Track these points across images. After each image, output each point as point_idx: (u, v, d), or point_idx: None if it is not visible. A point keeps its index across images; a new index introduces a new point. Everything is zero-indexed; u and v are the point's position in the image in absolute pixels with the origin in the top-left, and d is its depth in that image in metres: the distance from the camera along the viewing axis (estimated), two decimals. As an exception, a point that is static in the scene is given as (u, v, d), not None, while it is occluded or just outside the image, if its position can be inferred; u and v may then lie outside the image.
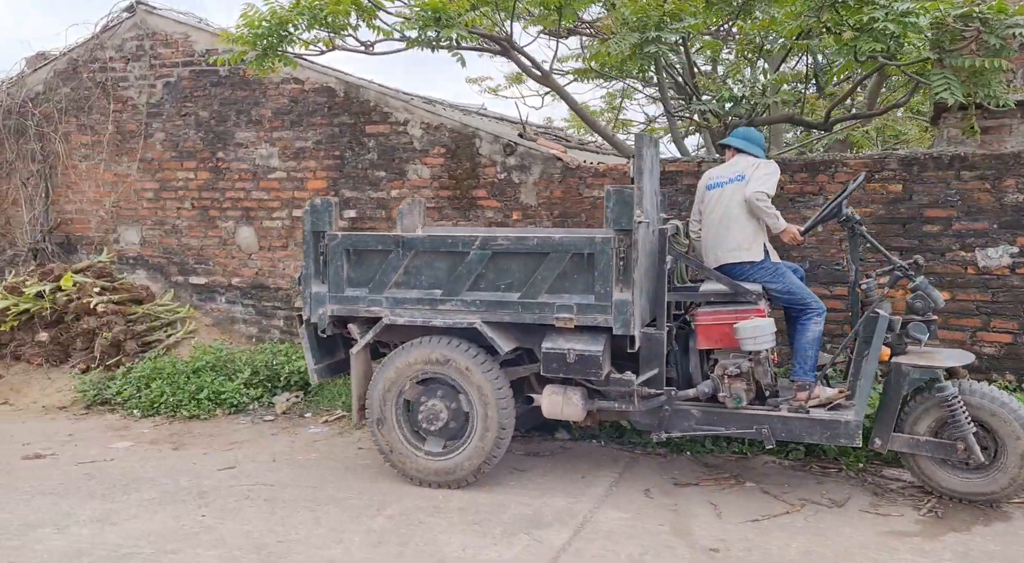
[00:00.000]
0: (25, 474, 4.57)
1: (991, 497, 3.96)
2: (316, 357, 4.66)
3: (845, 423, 3.98)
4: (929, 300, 4.08)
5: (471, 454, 4.23)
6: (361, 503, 4.11)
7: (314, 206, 4.48)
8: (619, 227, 3.99)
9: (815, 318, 4.27)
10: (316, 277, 4.47)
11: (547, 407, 4.24)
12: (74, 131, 7.73)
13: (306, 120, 7.02)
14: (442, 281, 4.29)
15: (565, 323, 4.05)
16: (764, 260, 4.37)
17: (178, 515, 3.96)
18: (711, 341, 4.24)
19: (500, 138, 6.45)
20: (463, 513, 3.97)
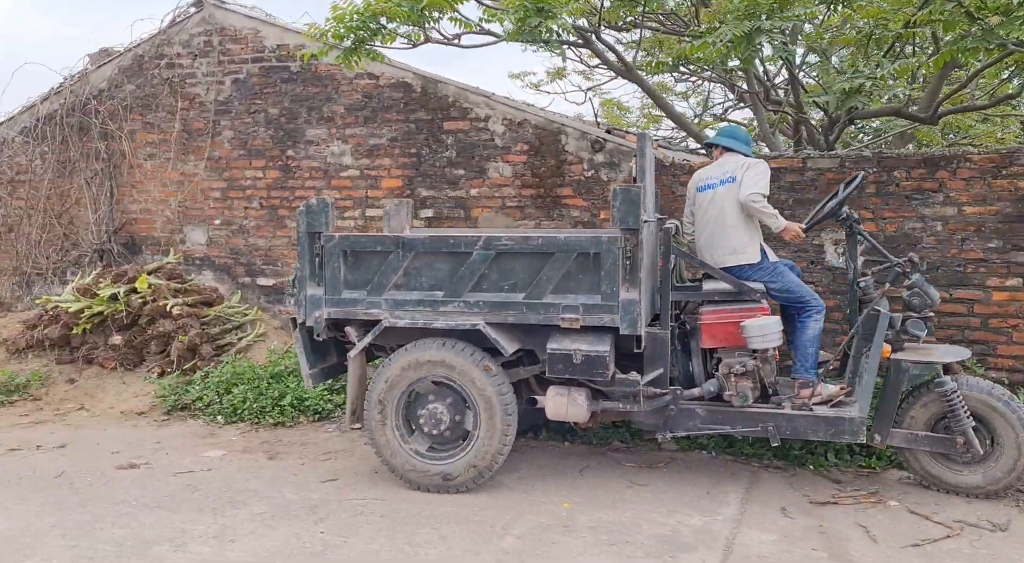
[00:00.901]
0: (125, 485, 4.40)
1: (986, 490, 4.03)
2: (311, 361, 4.54)
3: (849, 420, 4.00)
4: (926, 297, 4.14)
5: (474, 458, 4.16)
6: (483, 520, 3.91)
7: (309, 206, 4.37)
8: (626, 226, 3.95)
9: (815, 316, 4.26)
10: (312, 279, 4.36)
11: (552, 409, 4.19)
12: (139, 129, 7.58)
13: (380, 116, 6.82)
14: (444, 282, 4.22)
15: (571, 323, 4.01)
16: (762, 261, 4.37)
17: (296, 532, 3.77)
18: (716, 340, 4.24)
19: (588, 134, 6.22)
20: (595, 532, 3.75)
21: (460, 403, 4.24)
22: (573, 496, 4.20)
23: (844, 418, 4.01)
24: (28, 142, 7.79)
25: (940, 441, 4.04)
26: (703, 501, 4.11)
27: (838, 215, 4.34)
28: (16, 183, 7.95)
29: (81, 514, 3.99)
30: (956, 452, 4.01)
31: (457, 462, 4.20)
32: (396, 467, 4.30)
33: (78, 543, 3.64)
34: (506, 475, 4.54)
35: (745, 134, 4.68)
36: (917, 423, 4.11)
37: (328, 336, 4.45)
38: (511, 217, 6.46)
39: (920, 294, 4.15)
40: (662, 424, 4.21)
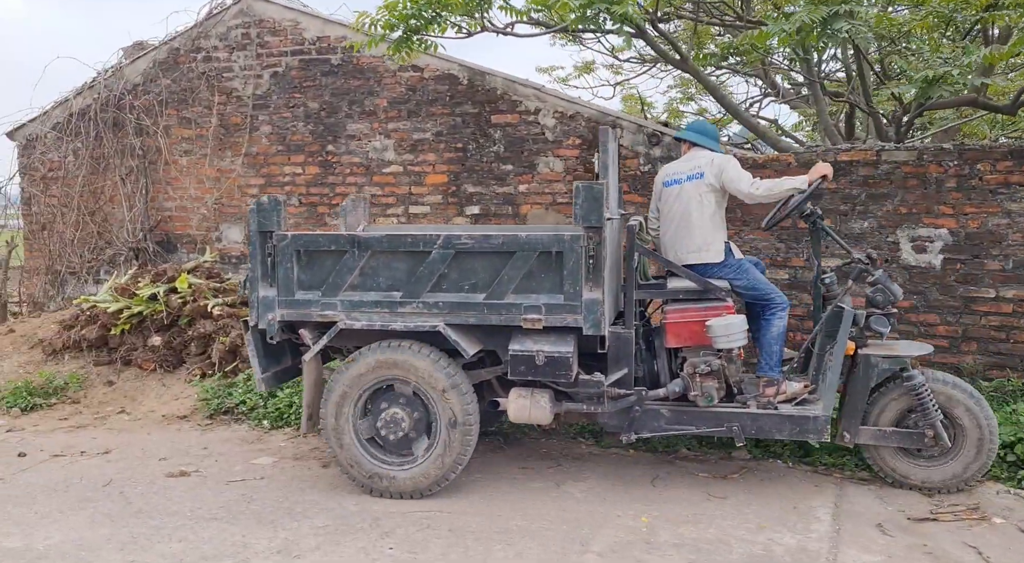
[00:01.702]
0: (177, 495, 4.21)
1: (949, 484, 4.04)
2: (263, 365, 4.39)
3: (813, 418, 3.98)
4: (889, 293, 4.11)
5: (435, 462, 4.05)
6: (558, 535, 3.68)
7: (260, 205, 4.22)
8: (588, 224, 3.85)
9: (779, 313, 4.24)
10: (264, 280, 4.22)
11: (514, 411, 4.10)
12: (175, 124, 7.40)
13: (425, 110, 6.60)
14: (402, 282, 4.10)
15: (533, 324, 3.91)
16: (727, 259, 4.33)
17: (363, 547, 3.56)
18: (681, 339, 4.18)
19: (644, 127, 5.97)
20: (680, 550, 3.51)
21: (420, 407, 4.11)
22: (649, 509, 3.97)
23: (808, 417, 3.98)
24: (61, 138, 7.63)
25: (909, 436, 4.02)
26: (791, 516, 3.86)
27: (803, 211, 4.26)
28: (49, 180, 7.80)
29: (136, 526, 3.80)
30: (925, 446, 4.00)
31: (417, 467, 4.08)
32: (354, 473, 4.16)
33: (137, 558, 3.45)
34: (572, 485, 4.32)
35: (713, 129, 4.64)
36: (885, 419, 4.08)
37: (283, 339, 4.31)
38: (562, 214, 6.23)
39: (883, 290, 4.11)
40: (627, 425, 4.13)
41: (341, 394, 4.12)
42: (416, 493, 4.10)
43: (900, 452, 4.11)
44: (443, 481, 4.09)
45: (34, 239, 7.92)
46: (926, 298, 5.22)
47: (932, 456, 4.07)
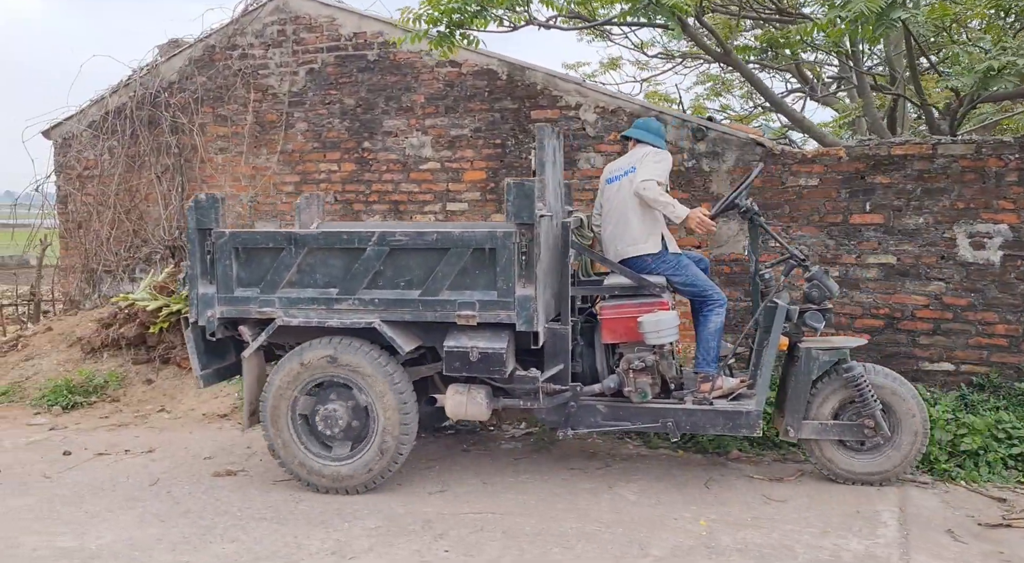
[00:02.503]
0: (225, 494, 4.17)
1: (885, 475, 4.09)
2: (203, 362, 4.41)
3: (746, 413, 4.02)
4: (825, 289, 4.14)
5: (372, 458, 4.07)
6: (614, 538, 3.59)
7: (198, 202, 4.24)
8: (520, 221, 3.87)
9: (716, 309, 4.26)
10: (203, 277, 4.24)
11: (451, 407, 4.13)
12: (210, 122, 7.38)
13: (463, 106, 6.52)
14: (339, 279, 4.11)
15: (467, 320, 3.94)
16: (662, 252, 4.33)
17: (418, 549, 3.49)
18: (616, 335, 4.18)
19: (688, 122, 5.85)
20: (744, 556, 3.41)
21: (358, 403, 4.12)
22: (706, 512, 3.87)
23: (741, 412, 4.02)
24: (97, 136, 7.64)
25: (849, 428, 4.07)
26: (855, 521, 3.73)
27: (739, 207, 4.26)
28: (84, 179, 7.81)
29: (186, 526, 3.75)
30: (865, 438, 4.06)
31: (354, 463, 4.10)
32: (293, 469, 4.18)
33: (190, 558, 3.40)
34: (624, 486, 4.23)
35: (657, 126, 4.66)
36: (825, 413, 4.12)
37: (227, 335, 4.33)
38: (598, 211, 6.12)
39: (819, 286, 4.14)
40: (563, 421, 4.15)
41: (280, 390, 4.15)
42: (355, 488, 4.11)
43: (840, 445, 4.14)
44: (380, 477, 4.11)
45: (70, 237, 7.94)
46: (984, 296, 5.06)
47: (871, 448, 4.11)
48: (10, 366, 6.68)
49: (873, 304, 5.33)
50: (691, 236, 5.71)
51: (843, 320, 5.41)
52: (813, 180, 5.46)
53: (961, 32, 5.43)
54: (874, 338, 5.31)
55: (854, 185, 5.35)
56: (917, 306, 5.22)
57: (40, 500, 4.10)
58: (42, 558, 3.40)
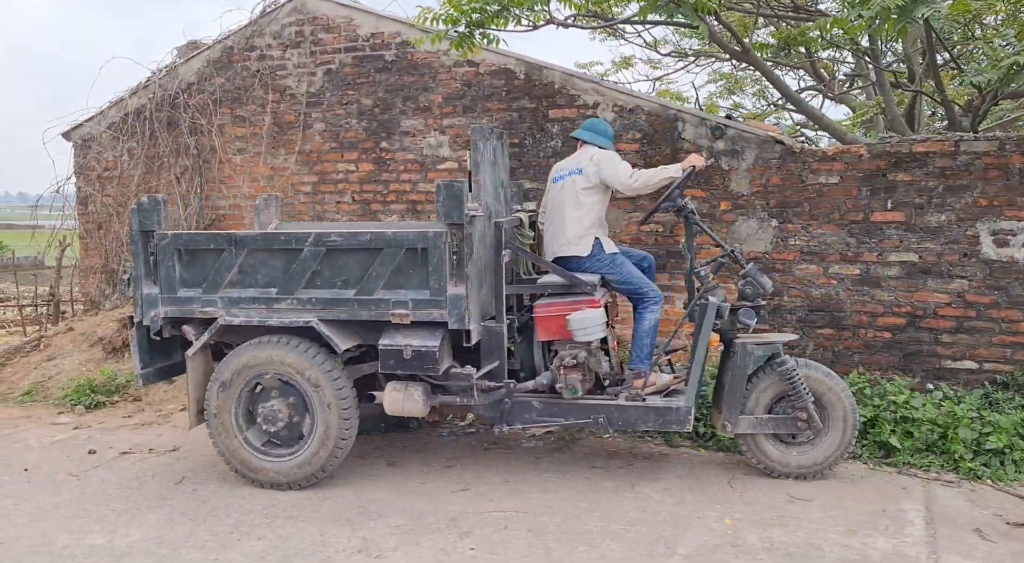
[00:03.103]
0: (250, 493, 4.20)
1: (817, 468, 4.18)
2: (145, 360, 4.51)
3: (676, 409, 4.09)
4: (758, 286, 4.22)
5: (313, 454, 4.14)
6: (639, 536, 3.59)
7: (141, 205, 4.36)
8: (451, 221, 3.94)
9: (651, 307, 4.32)
10: (147, 278, 4.36)
11: (389, 404, 4.18)
12: (229, 123, 7.42)
13: (481, 105, 6.53)
14: (278, 279, 4.21)
15: (401, 319, 4.02)
16: (595, 253, 4.40)
17: (443, 547, 3.50)
18: (549, 333, 4.25)
19: (707, 120, 5.84)
20: (771, 554, 3.40)
21: (298, 400, 4.19)
22: (731, 511, 3.86)
23: (672, 407, 4.09)
24: (117, 138, 7.70)
25: (783, 422, 4.15)
26: (881, 519, 3.72)
27: (675, 205, 4.33)
28: (104, 179, 7.88)
29: (214, 524, 3.79)
30: (799, 431, 4.14)
31: (296, 458, 4.18)
32: (236, 464, 4.27)
33: (219, 556, 3.43)
34: (647, 485, 4.23)
35: (604, 127, 4.71)
36: (760, 407, 4.19)
37: (173, 335, 4.42)
38: (621, 209, 6.12)
39: (753, 283, 4.21)
40: (499, 417, 4.21)
41: (223, 388, 4.23)
42: (295, 484, 4.18)
43: (775, 439, 4.23)
44: (320, 473, 4.17)
45: (90, 238, 8.01)
46: (1008, 294, 5.03)
47: (804, 441, 4.21)
48: (32, 366, 6.75)
49: (895, 302, 5.30)
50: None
51: (864, 319, 5.39)
52: (833, 178, 5.44)
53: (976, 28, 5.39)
54: (895, 336, 5.29)
55: (875, 183, 5.33)
56: (940, 304, 5.19)
57: (70, 498, 4.14)
58: (73, 555, 3.44)
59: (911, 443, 4.48)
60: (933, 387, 5.02)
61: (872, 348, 5.36)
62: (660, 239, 5.98)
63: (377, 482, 4.34)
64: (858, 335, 5.41)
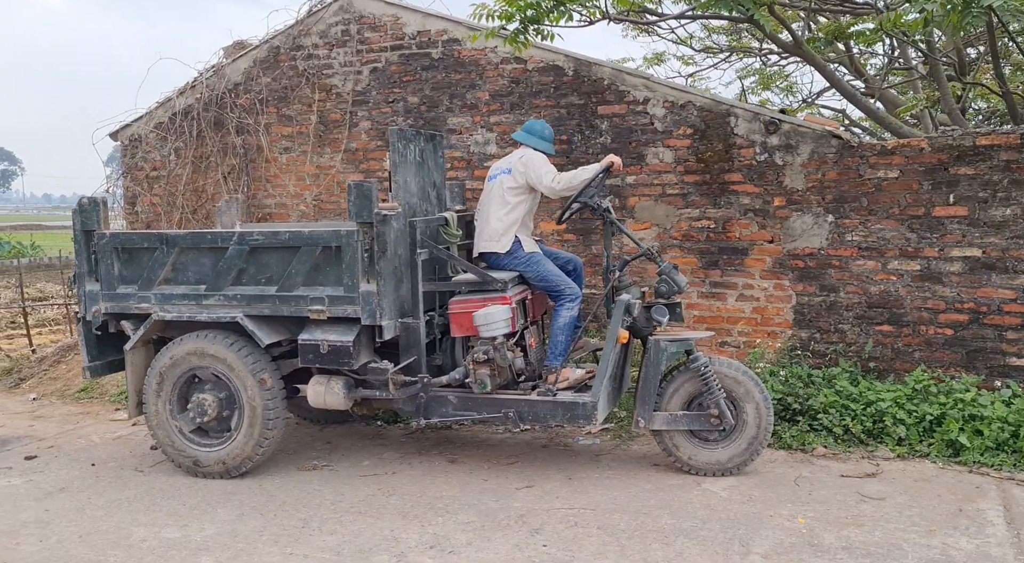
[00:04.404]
0: (316, 488, 4.22)
1: (732, 464, 4.22)
2: (92, 355, 4.69)
3: (583, 404, 4.12)
4: (673, 284, 4.27)
5: (239, 445, 4.29)
6: (712, 535, 3.55)
7: (82, 206, 4.54)
8: (361, 220, 4.07)
9: (566, 304, 4.38)
10: (89, 276, 4.56)
11: (311, 396, 4.33)
12: (275, 122, 7.47)
13: (528, 102, 6.51)
14: (208, 277, 4.38)
15: (318, 315, 4.17)
16: (513, 250, 4.49)
17: (516, 543, 3.49)
18: (462, 329, 4.31)
19: (761, 115, 5.77)
20: (851, 554, 3.35)
21: (227, 393, 4.35)
22: (803, 510, 3.81)
23: (579, 402, 4.12)
24: (164, 138, 7.78)
25: (696, 418, 4.20)
26: (959, 519, 3.65)
27: (592, 205, 4.39)
28: (152, 179, 7.97)
29: (284, 518, 3.81)
30: (712, 427, 4.19)
31: (223, 449, 4.34)
32: (171, 453, 4.45)
33: (294, 550, 3.45)
34: (712, 482, 4.19)
35: (541, 128, 4.77)
36: (675, 404, 4.23)
37: (117, 329, 4.60)
38: (672, 205, 6.07)
39: (668, 281, 4.27)
40: (416, 411, 4.30)
41: (158, 380, 4.42)
42: (224, 473, 4.34)
43: (691, 437, 4.26)
44: (247, 463, 4.33)
45: (138, 237, 8.10)
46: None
47: (718, 438, 4.25)
48: (86, 363, 6.83)
49: (957, 298, 5.21)
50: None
51: (925, 315, 5.30)
52: (893, 172, 5.36)
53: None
54: (958, 333, 5.19)
55: (937, 177, 5.24)
56: (1004, 300, 5.09)
57: (139, 493, 4.19)
58: (152, 549, 3.48)
59: (981, 441, 4.39)
60: (1001, 384, 4.92)
61: (933, 345, 5.27)
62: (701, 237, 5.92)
63: (441, 479, 4.34)
64: (919, 332, 5.32)
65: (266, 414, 4.24)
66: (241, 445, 4.29)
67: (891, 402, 4.69)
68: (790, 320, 5.68)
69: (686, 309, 5.99)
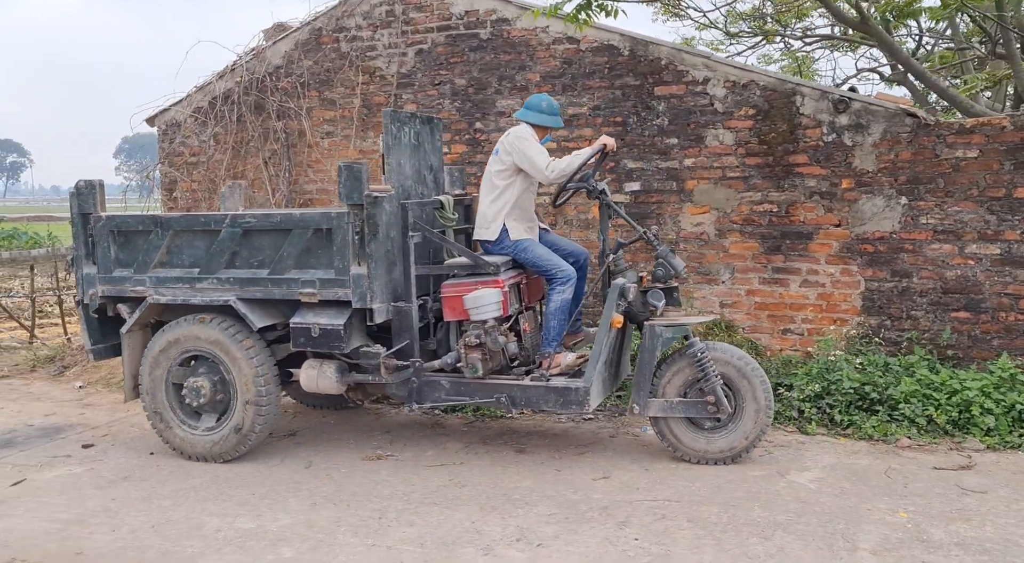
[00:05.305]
0: (384, 477, 4.08)
1: (729, 454, 4.11)
2: (95, 338, 4.70)
3: (575, 390, 4.03)
4: (670, 268, 4.17)
5: (233, 429, 4.26)
6: (810, 529, 3.38)
7: (79, 188, 4.52)
8: (351, 202, 4.02)
9: (558, 288, 4.27)
10: (87, 259, 4.55)
11: (304, 380, 4.30)
12: (316, 106, 7.31)
13: (581, 83, 6.32)
14: (201, 260, 4.35)
15: (309, 298, 4.13)
16: (502, 239, 4.38)
17: (605, 537, 3.33)
18: (455, 313, 4.22)
19: (830, 93, 5.56)
20: (965, 550, 3.17)
21: (222, 377, 4.32)
22: (902, 504, 3.63)
23: (571, 388, 4.03)
24: (204, 122, 7.64)
25: (693, 405, 4.09)
26: (1072, 513, 3.45)
27: (587, 187, 4.29)
28: (191, 165, 7.83)
29: (358, 509, 3.66)
30: (708, 415, 4.09)
31: (217, 433, 4.30)
32: (168, 437, 4.43)
33: (376, 542, 3.30)
34: (797, 474, 4.02)
35: (537, 101, 4.58)
36: (671, 391, 4.14)
37: (116, 313, 4.59)
38: (733, 189, 5.87)
39: (664, 265, 4.17)
40: (408, 395, 4.23)
41: (153, 363, 4.40)
42: (218, 457, 4.31)
43: (688, 424, 4.16)
44: (240, 447, 4.28)
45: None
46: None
47: (715, 426, 4.14)
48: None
49: (1041, 284, 4.99)
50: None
51: (1005, 301, 5.08)
52: (972, 152, 5.14)
53: None
54: (1042, 320, 4.98)
55: (1019, 156, 5.01)
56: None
57: (204, 481, 4.07)
58: (228, 540, 3.34)
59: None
60: (1094, 373, 4.71)
61: (1014, 332, 5.06)
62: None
63: (512, 469, 4.19)
64: (998, 318, 5.10)
65: (259, 397, 4.18)
66: (234, 429, 4.26)
67: (978, 391, 4.49)
68: (858, 306, 5.48)
69: (747, 295, 5.81)
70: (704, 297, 5.91)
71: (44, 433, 5.01)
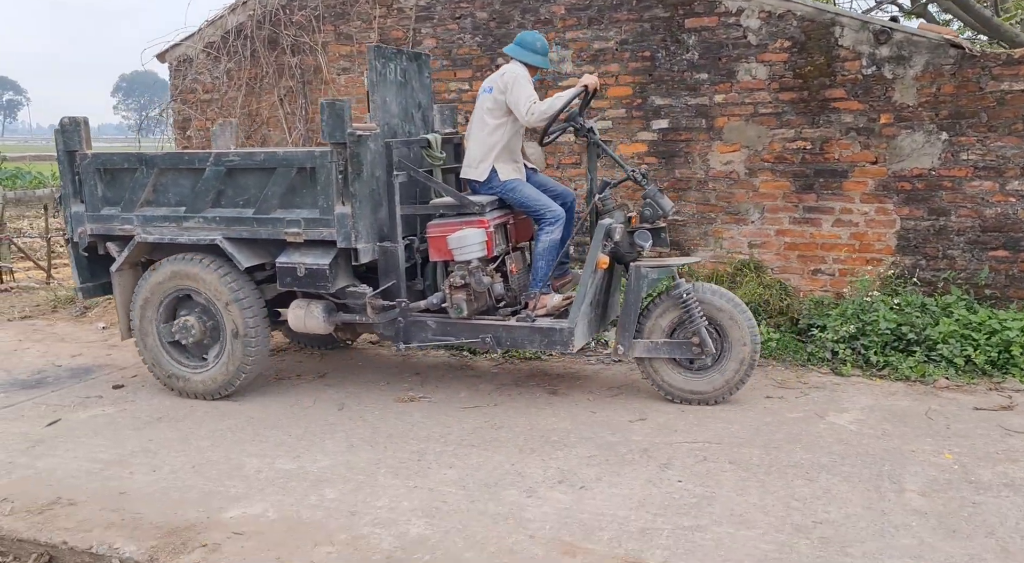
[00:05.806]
0: (419, 419, 4.06)
1: (717, 393, 4.12)
2: (84, 276, 4.70)
3: (560, 330, 4.01)
4: (657, 208, 4.10)
5: (221, 369, 4.30)
6: (855, 471, 3.36)
7: (64, 126, 4.48)
8: (334, 140, 3.96)
9: (547, 228, 4.21)
10: (74, 197, 4.53)
11: (292, 320, 4.30)
12: (332, 41, 7.07)
13: (608, 16, 6.06)
14: (187, 198, 4.31)
15: (295, 238, 4.10)
16: (489, 180, 4.32)
17: (648, 479, 3.31)
18: (440, 253, 4.19)
19: (870, 24, 5.32)
20: (1015, 491, 3.15)
21: (211, 315, 4.34)
22: (946, 445, 3.60)
23: (556, 329, 4.01)
24: (217, 58, 7.41)
25: (678, 346, 4.08)
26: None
27: (575, 125, 4.22)
28: (205, 102, 7.64)
29: (396, 450, 3.65)
30: (694, 356, 4.07)
31: (207, 372, 4.34)
32: (156, 372, 4.48)
33: (418, 483, 3.29)
34: (836, 415, 3.99)
35: (532, 39, 4.46)
36: (657, 332, 4.12)
37: (106, 251, 4.57)
38: (765, 125, 5.69)
39: (652, 205, 4.10)
40: (395, 335, 4.23)
41: (144, 301, 4.41)
42: (208, 395, 4.36)
43: (674, 365, 4.16)
44: (229, 386, 4.32)
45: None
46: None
47: (702, 367, 4.14)
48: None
49: (1086, 223, 4.85)
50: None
51: None
52: (1019, 84, 4.94)
53: None
54: (1084, 260, 4.86)
55: (1070, 90, 4.81)
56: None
57: (239, 422, 4.06)
58: (270, 480, 3.34)
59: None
60: None
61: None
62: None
63: (547, 411, 4.16)
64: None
65: (247, 339, 4.19)
66: (222, 369, 4.29)
67: (1019, 331, 4.42)
68: (892, 246, 5.37)
69: (777, 235, 5.70)
70: (732, 238, 5.80)
71: (73, 374, 5.00)
